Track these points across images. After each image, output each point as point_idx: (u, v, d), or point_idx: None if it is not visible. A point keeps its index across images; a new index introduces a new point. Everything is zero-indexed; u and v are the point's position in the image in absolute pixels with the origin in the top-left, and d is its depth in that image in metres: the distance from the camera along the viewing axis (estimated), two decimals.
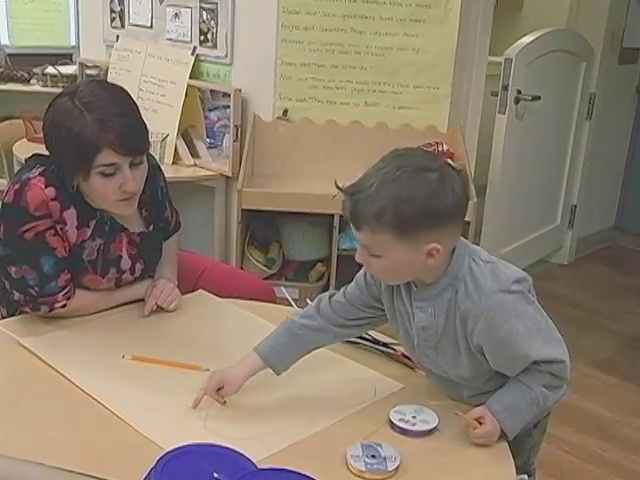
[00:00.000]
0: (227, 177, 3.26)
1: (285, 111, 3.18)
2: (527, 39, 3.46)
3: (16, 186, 1.67)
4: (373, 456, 1.25)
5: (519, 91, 3.38)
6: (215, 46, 3.31)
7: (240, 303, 1.92)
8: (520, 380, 1.36)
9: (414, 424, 1.36)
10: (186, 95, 3.28)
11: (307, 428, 1.36)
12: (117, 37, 3.73)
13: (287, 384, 1.52)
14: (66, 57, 4.80)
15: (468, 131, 3.20)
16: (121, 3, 3.70)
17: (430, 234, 1.29)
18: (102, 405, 1.40)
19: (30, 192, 1.64)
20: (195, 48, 3.36)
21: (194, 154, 3.32)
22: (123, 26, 3.74)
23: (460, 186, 1.31)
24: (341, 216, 2.86)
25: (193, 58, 3.34)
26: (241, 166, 3.03)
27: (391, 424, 1.37)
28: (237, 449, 1.21)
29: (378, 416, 1.40)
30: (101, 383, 1.47)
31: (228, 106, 3.25)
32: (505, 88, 3.37)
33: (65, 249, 1.71)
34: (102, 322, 1.77)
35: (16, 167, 3.59)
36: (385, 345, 1.66)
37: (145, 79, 3.46)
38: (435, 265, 1.33)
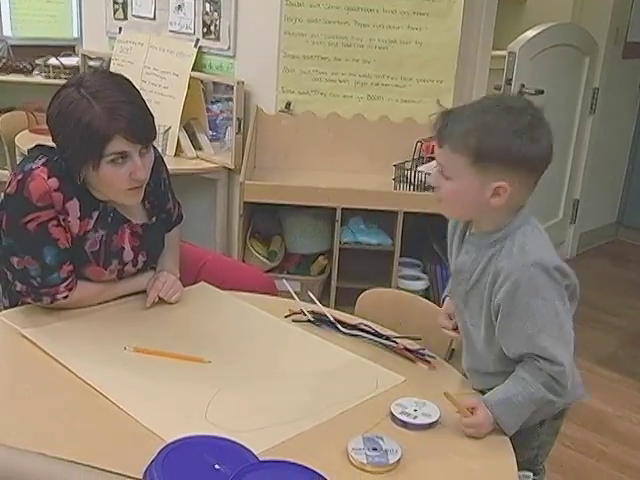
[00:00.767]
0: (229, 170, 3.26)
1: (288, 104, 3.17)
2: (531, 33, 3.45)
3: (19, 176, 1.67)
4: (374, 449, 1.25)
5: (522, 85, 3.37)
6: (218, 38, 3.30)
7: (241, 295, 1.91)
8: (519, 375, 1.37)
9: (415, 417, 1.36)
10: (189, 87, 3.27)
11: (309, 421, 1.36)
12: (120, 29, 3.72)
13: (289, 376, 1.52)
14: (68, 48, 4.79)
15: None
16: None
17: (502, 171, 1.32)
18: (104, 396, 1.40)
19: (33, 183, 1.64)
20: (198, 40, 3.36)
21: (196, 146, 3.31)
22: (126, 18, 3.73)
23: (545, 142, 1.34)
24: (343, 209, 2.87)
25: (196, 50, 3.34)
26: (243, 159, 3.03)
27: (392, 417, 1.37)
28: (238, 441, 1.21)
29: (380, 409, 1.40)
30: (103, 374, 1.47)
31: (231, 98, 3.24)
32: (508, 82, 3.36)
33: (67, 240, 1.71)
34: (104, 314, 1.77)
35: (18, 158, 3.59)
36: (387, 338, 1.66)
37: (148, 71, 3.46)
38: (496, 209, 1.36)
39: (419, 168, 2.89)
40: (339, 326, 1.72)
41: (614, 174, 4.58)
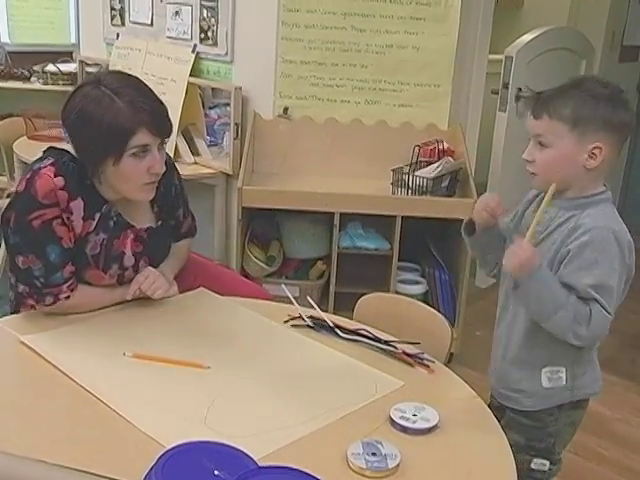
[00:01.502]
0: (227, 175, 3.26)
1: (285, 109, 3.18)
2: (528, 37, 3.46)
3: (27, 175, 1.71)
4: (374, 454, 1.25)
5: (519, 89, 3.38)
6: (215, 44, 3.30)
7: (241, 301, 1.92)
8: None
9: (415, 422, 1.36)
10: (186, 93, 3.27)
11: (308, 426, 1.36)
12: (117, 35, 3.73)
13: (288, 381, 1.53)
14: (66, 55, 4.80)
15: (468, 129, 3.20)
16: (121, 1, 3.70)
17: (598, 134, 1.47)
18: (103, 402, 1.40)
19: (40, 181, 1.68)
20: (195, 46, 3.36)
21: (194, 152, 3.32)
22: (123, 24, 3.74)
23: (629, 109, 1.53)
24: (341, 214, 2.87)
25: (193, 56, 3.34)
26: (241, 164, 3.03)
27: (392, 422, 1.37)
28: (238, 446, 1.21)
29: (379, 414, 1.40)
30: (102, 381, 1.47)
31: (228, 104, 3.25)
32: (506, 86, 3.37)
33: (70, 240, 1.73)
34: (103, 320, 1.77)
35: (16, 165, 3.59)
36: (386, 342, 1.66)
37: (145, 77, 3.43)
38: (588, 174, 1.50)
39: (417, 172, 2.90)
40: (338, 331, 1.72)
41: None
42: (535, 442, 1.56)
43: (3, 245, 1.75)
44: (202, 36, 3.35)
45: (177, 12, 3.43)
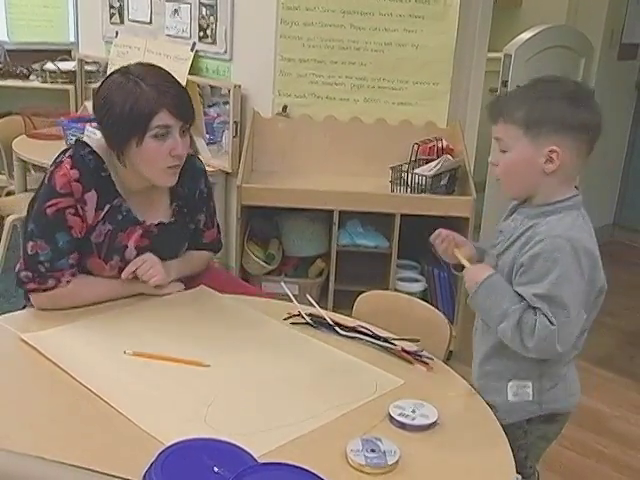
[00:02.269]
0: (227, 173, 3.26)
1: (284, 107, 3.18)
2: (526, 35, 3.46)
3: (51, 168, 1.78)
4: (373, 450, 1.25)
5: (518, 87, 3.38)
6: (214, 42, 3.31)
7: (241, 299, 1.92)
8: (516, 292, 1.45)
9: (414, 418, 1.36)
10: None
11: (308, 423, 1.36)
12: (116, 33, 3.73)
13: (288, 379, 1.53)
14: (65, 53, 4.80)
15: (467, 127, 3.20)
16: None
17: (553, 136, 1.42)
18: (103, 400, 1.40)
19: (58, 172, 1.75)
20: (194, 44, 3.36)
21: (193, 150, 3.31)
22: (122, 22, 3.74)
23: (592, 110, 1.44)
24: (340, 212, 2.87)
25: (192, 54, 3.35)
26: (240, 162, 3.03)
27: (391, 418, 1.37)
28: (238, 444, 1.22)
29: (378, 411, 1.40)
30: (102, 378, 1.48)
31: (227, 102, 3.25)
32: (504, 84, 3.37)
33: (81, 231, 1.77)
34: (103, 318, 1.77)
35: (15, 163, 3.60)
36: (385, 340, 1.67)
37: None
38: (550, 179, 1.45)
39: (416, 170, 2.90)
40: (337, 328, 1.72)
41: (610, 175, 4.59)
42: None
43: (1, 245, 1.76)
44: (201, 34, 3.35)
45: (176, 10, 3.43)
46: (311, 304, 1.82)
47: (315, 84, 3.15)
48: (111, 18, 3.79)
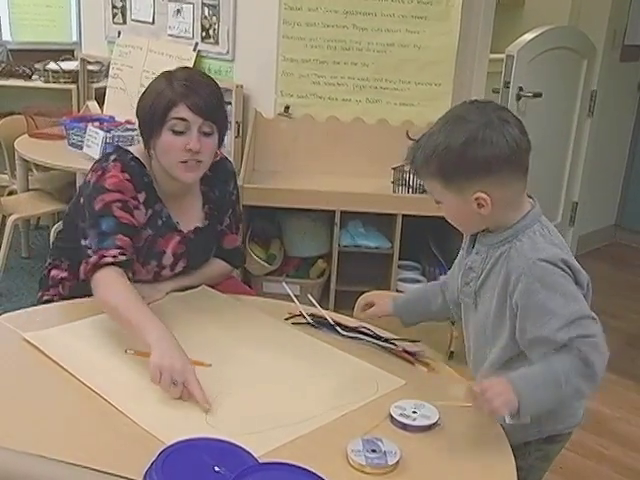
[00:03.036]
0: None
1: (287, 107, 3.18)
2: (529, 36, 3.46)
3: (98, 172, 1.79)
4: (373, 450, 1.25)
5: (521, 88, 3.38)
6: (217, 42, 3.31)
7: (243, 299, 1.92)
8: (544, 359, 1.33)
9: (414, 419, 1.36)
10: None
11: (309, 423, 1.36)
12: (119, 33, 3.73)
13: (289, 379, 1.53)
14: (68, 53, 4.81)
15: None
16: None
17: (472, 184, 1.35)
18: (104, 399, 1.40)
19: (108, 174, 1.77)
20: (197, 44, 3.37)
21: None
22: (125, 22, 3.74)
23: (502, 138, 1.32)
24: (342, 212, 2.87)
25: (195, 54, 3.35)
26: (242, 162, 3.03)
27: (392, 419, 1.37)
28: (239, 443, 1.22)
29: (379, 411, 1.40)
30: (104, 377, 1.48)
31: (229, 102, 3.24)
32: (507, 85, 3.37)
33: (130, 221, 1.76)
34: (105, 316, 1.76)
35: (17, 162, 3.60)
36: (386, 340, 1.67)
37: (147, 75, 3.46)
38: (493, 215, 1.39)
39: None
40: (339, 329, 1.72)
41: (612, 176, 4.59)
42: None
43: (3, 245, 1.76)
44: (203, 34, 3.35)
45: (178, 10, 3.43)
46: (312, 304, 1.82)
47: (317, 84, 3.15)
48: (114, 18, 3.79)
